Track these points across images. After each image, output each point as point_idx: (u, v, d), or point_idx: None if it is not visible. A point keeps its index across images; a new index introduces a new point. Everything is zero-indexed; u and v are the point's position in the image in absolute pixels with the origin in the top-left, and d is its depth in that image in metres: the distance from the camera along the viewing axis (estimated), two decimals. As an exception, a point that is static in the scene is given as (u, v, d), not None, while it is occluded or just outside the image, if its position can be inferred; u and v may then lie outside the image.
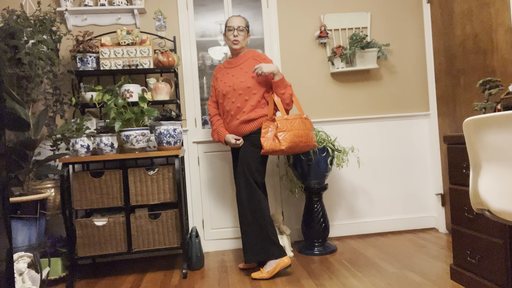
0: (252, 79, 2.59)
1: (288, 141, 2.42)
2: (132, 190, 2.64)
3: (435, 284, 2.21)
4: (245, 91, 2.59)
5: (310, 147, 2.57)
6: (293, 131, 2.45)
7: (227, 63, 2.75)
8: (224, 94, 2.65)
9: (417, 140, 3.42)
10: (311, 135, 2.55)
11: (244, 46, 2.71)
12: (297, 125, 2.48)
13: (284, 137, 2.42)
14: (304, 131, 2.49)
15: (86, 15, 3.08)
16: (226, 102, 2.64)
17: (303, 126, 2.50)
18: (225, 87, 2.64)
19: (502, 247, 1.89)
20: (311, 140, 2.54)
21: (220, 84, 2.69)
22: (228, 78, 2.66)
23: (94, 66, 2.88)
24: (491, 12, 2.57)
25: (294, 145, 2.44)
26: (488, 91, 2.17)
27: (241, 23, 2.65)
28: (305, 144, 2.49)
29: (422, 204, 3.42)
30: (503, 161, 1.31)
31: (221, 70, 2.74)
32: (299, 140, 2.45)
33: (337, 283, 2.33)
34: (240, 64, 2.67)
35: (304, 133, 2.49)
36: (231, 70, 2.69)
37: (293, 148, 2.46)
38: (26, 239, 2.33)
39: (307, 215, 2.97)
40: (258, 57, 2.67)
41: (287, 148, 2.42)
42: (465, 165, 2.11)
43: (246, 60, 2.67)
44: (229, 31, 2.65)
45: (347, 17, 3.33)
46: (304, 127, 2.50)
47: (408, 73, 3.41)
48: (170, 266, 2.87)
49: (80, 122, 2.58)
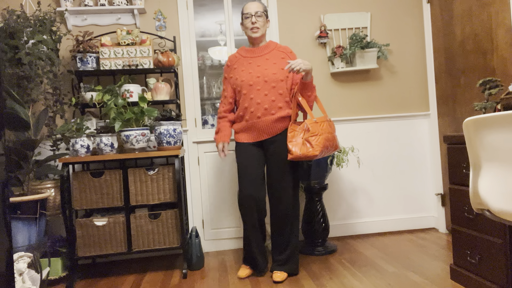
0: (282, 72, 2.42)
1: (321, 146, 2.26)
2: (132, 190, 2.64)
3: (435, 284, 2.21)
4: (278, 85, 2.41)
5: (335, 150, 2.43)
6: (324, 135, 2.30)
7: (246, 51, 2.52)
8: (250, 85, 2.41)
9: (417, 140, 3.42)
10: (336, 138, 2.44)
11: (264, 33, 2.50)
12: (326, 128, 2.33)
13: (318, 142, 2.25)
14: (332, 134, 2.36)
15: (86, 15, 3.08)
16: (255, 94, 2.40)
17: (330, 129, 2.37)
18: (251, 77, 2.41)
19: (502, 247, 1.89)
20: (337, 143, 2.42)
21: (242, 73, 2.44)
22: (252, 68, 2.43)
23: (94, 66, 2.88)
24: (491, 12, 2.57)
25: (325, 149, 2.30)
26: (488, 91, 2.17)
27: (259, 8, 2.44)
28: (333, 147, 2.37)
29: (422, 204, 3.42)
30: (503, 161, 1.31)
31: (239, 60, 2.51)
32: (329, 143, 2.32)
33: (337, 283, 2.33)
34: (265, 54, 2.47)
35: (332, 136, 2.36)
36: (254, 59, 2.47)
37: (323, 153, 2.32)
38: (26, 239, 2.33)
39: (307, 215, 2.97)
40: (285, 49, 2.51)
41: (320, 153, 2.27)
42: (465, 165, 2.11)
43: (271, 51, 2.49)
44: (246, 19, 2.44)
45: (347, 17, 3.33)
46: (331, 130, 2.38)
47: (408, 73, 3.41)
48: (170, 266, 2.87)
49: (80, 122, 2.58)
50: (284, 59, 2.47)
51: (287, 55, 2.50)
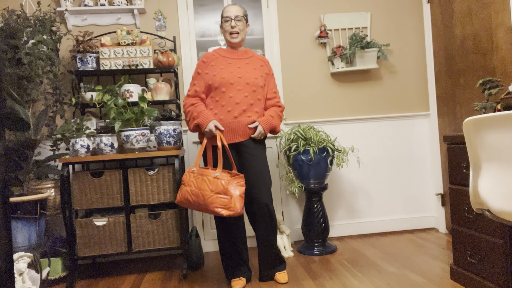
0: (262, 79, 2.41)
1: (181, 195, 2.29)
2: (132, 190, 2.64)
3: (435, 284, 2.21)
4: (258, 90, 2.38)
5: (213, 213, 2.20)
6: (190, 187, 2.26)
7: (225, 52, 2.44)
8: (231, 84, 2.33)
9: (417, 140, 3.42)
10: (213, 199, 2.17)
11: (244, 38, 2.44)
12: (198, 183, 2.24)
13: (180, 190, 2.31)
14: (201, 191, 2.21)
15: (86, 15, 3.08)
16: (235, 94, 2.33)
17: (203, 186, 2.22)
18: (232, 76, 2.34)
19: (502, 247, 1.89)
20: (208, 204, 2.18)
21: (221, 71, 2.35)
22: (233, 68, 2.37)
23: (94, 66, 2.88)
24: (491, 12, 2.57)
25: (184, 201, 2.28)
26: (488, 91, 2.17)
27: (239, 12, 2.38)
28: (199, 205, 2.22)
29: (422, 204, 3.42)
30: (503, 161, 1.31)
31: (217, 58, 2.41)
32: (191, 198, 2.24)
33: (337, 283, 2.33)
34: (245, 58, 2.43)
35: (200, 193, 2.22)
36: (234, 60, 2.41)
37: (185, 204, 2.29)
38: (26, 239, 2.33)
39: (307, 215, 2.97)
40: (262, 58, 2.50)
41: (178, 202, 2.32)
42: (465, 165, 2.11)
43: (251, 57, 2.46)
44: (226, 22, 2.38)
45: (347, 17, 3.33)
46: (205, 187, 2.21)
47: (408, 73, 3.41)
48: (170, 266, 2.87)
49: (80, 122, 2.58)
50: (263, 67, 2.46)
51: (265, 64, 2.49)
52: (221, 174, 2.21)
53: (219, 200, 2.16)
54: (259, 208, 2.33)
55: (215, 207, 2.16)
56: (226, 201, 2.16)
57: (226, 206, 2.16)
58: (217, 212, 2.16)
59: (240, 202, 2.17)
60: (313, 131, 2.89)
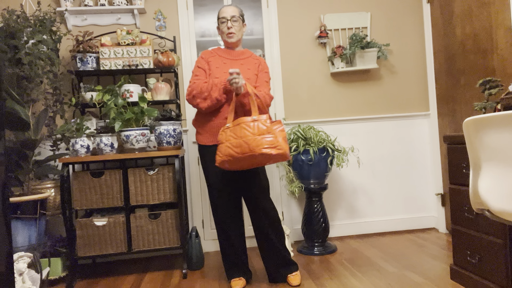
0: (254, 79, 2.39)
1: (224, 154, 2.11)
2: (132, 190, 2.64)
3: (435, 284, 2.21)
4: None
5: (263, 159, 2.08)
6: (229, 141, 2.11)
7: (222, 51, 2.44)
8: None
9: (417, 140, 3.42)
10: (257, 141, 2.04)
11: (241, 38, 2.43)
12: (237, 133, 2.10)
13: (219, 150, 2.14)
14: (242, 139, 2.06)
15: (86, 15, 3.08)
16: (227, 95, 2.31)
17: (242, 133, 2.08)
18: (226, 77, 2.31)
19: (502, 247, 1.89)
20: (253, 149, 2.03)
21: (216, 70, 2.34)
22: (227, 68, 2.35)
23: (94, 66, 2.88)
24: (491, 12, 2.57)
25: (229, 157, 2.08)
26: (488, 91, 2.18)
27: (235, 12, 2.36)
28: (244, 155, 2.05)
29: (422, 204, 3.42)
30: (503, 161, 1.31)
31: (214, 56, 2.41)
32: (235, 150, 2.07)
33: (337, 283, 2.33)
34: (241, 59, 2.43)
35: (241, 141, 2.06)
36: (230, 61, 2.40)
37: (231, 163, 2.11)
38: (26, 239, 2.33)
39: (307, 215, 2.97)
40: (259, 58, 2.48)
41: (220, 164, 2.13)
42: (465, 165, 2.11)
43: (247, 57, 2.45)
44: (222, 23, 2.37)
45: (347, 17, 3.33)
46: (244, 134, 2.07)
47: (408, 73, 3.41)
48: (170, 266, 2.87)
49: (80, 122, 2.58)
50: (258, 66, 2.44)
51: (261, 63, 2.46)
52: (258, 116, 2.11)
53: (265, 140, 2.03)
54: (255, 208, 2.35)
55: (262, 148, 2.02)
56: (273, 139, 2.04)
57: (274, 145, 2.03)
58: (267, 154, 2.02)
59: (286, 143, 2.08)
60: (313, 131, 2.89)
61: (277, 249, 2.37)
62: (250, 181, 2.34)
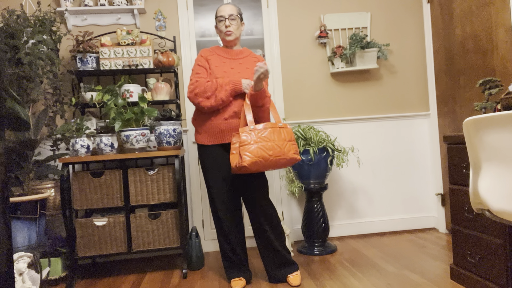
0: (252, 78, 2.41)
1: (255, 155, 2.08)
2: (132, 190, 2.64)
3: (435, 284, 2.21)
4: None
5: (287, 162, 2.18)
6: (261, 143, 2.10)
7: (221, 50, 2.43)
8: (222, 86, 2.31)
9: (417, 140, 3.42)
10: (288, 146, 2.17)
11: (239, 36, 2.43)
12: (268, 136, 2.13)
13: (249, 151, 2.08)
14: (275, 142, 2.13)
15: (86, 15, 3.08)
16: None
17: (275, 137, 2.14)
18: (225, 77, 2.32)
19: (502, 247, 1.89)
20: (286, 153, 2.15)
21: (215, 69, 2.34)
22: (226, 68, 2.36)
23: (94, 66, 2.88)
24: (491, 12, 2.57)
25: (261, 159, 2.08)
26: (488, 91, 2.17)
27: (233, 11, 2.36)
28: (277, 158, 2.12)
29: (422, 204, 3.42)
30: (503, 161, 1.31)
31: (213, 55, 2.41)
32: (269, 153, 2.09)
33: (337, 283, 2.33)
34: (239, 58, 2.42)
35: (274, 145, 2.12)
36: (228, 60, 2.40)
37: (259, 164, 2.10)
38: (26, 239, 2.33)
39: (307, 215, 2.97)
40: (258, 57, 2.49)
41: (249, 164, 2.07)
42: (465, 165, 2.11)
43: (245, 57, 2.44)
44: (220, 22, 2.37)
45: (347, 17, 3.33)
46: (276, 138, 2.15)
47: (408, 73, 3.41)
48: (170, 266, 2.87)
49: (80, 122, 2.58)
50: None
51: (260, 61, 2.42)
52: (283, 123, 2.26)
53: (293, 146, 2.22)
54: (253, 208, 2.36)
55: (293, 153, 2.19)
56: (296, 146, 2.25)
57: (297, 150, 2.25)
58: (295, 159, 2.20)
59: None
60: (313, 131, 2.89)
61: (277, 249, 2.37)
62: (249, 181, 2.34)
